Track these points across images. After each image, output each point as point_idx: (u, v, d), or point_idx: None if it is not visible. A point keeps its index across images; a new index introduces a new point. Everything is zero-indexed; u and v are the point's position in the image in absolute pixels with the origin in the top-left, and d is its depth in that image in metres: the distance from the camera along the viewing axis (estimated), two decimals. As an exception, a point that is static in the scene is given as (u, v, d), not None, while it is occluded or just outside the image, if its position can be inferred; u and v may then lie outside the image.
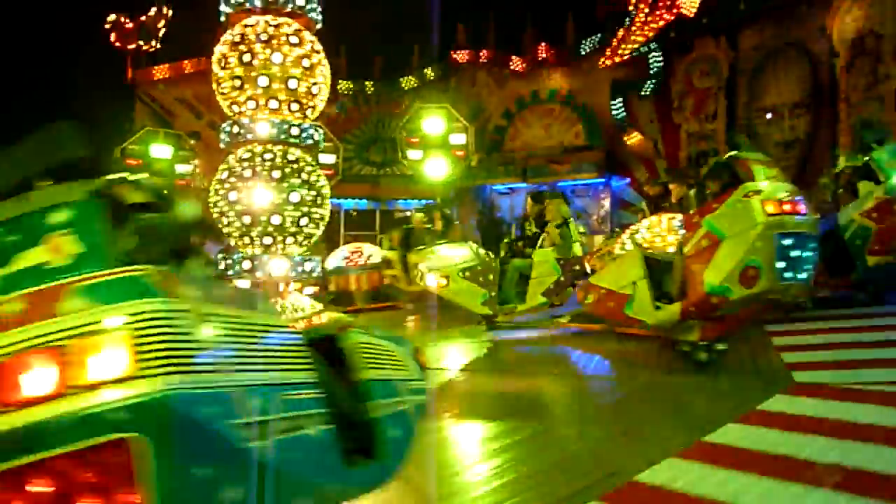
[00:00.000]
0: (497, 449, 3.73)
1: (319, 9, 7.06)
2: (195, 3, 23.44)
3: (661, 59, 19.26)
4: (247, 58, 6.38)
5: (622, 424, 4.28)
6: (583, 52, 21.52)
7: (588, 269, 7.82)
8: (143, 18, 23.57)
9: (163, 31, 23.88)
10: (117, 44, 23.47)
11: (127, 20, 23.37)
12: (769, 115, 16.39)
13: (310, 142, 6.84)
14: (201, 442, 1.64)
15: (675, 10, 18.09)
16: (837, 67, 14.90)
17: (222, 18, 7.08)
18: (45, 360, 1.54)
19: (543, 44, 22.21)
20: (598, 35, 21.20)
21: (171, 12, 23.64)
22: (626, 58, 19.70)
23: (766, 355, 5.60)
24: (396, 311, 12.71)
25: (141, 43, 23.53)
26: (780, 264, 4.61)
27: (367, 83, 24.24)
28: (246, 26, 6.50)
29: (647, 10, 18.83)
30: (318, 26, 7.23)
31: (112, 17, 23.31)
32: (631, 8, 19.44)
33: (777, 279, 4.63)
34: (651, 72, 19.54)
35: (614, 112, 19.58)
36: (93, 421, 1.50)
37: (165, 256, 2.09)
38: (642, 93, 19.52)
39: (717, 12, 17.29)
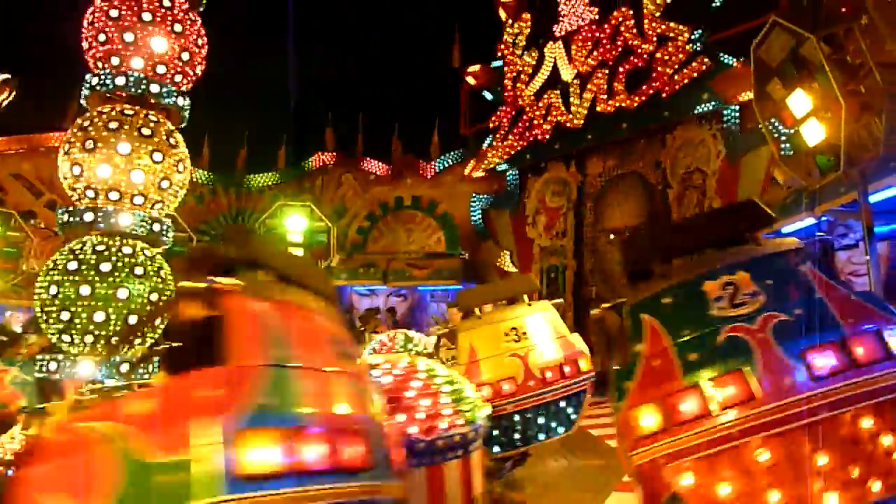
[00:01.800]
0: None
1: (187, 101, 6.78)
2: (48, 77, 22.21)
3: (517, 177, 20.52)
4: (89, 145, 5.94)
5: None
6: (446, 165, 22.54)
7: None
8: (-16, 87, 21.84)
9: (6, 101, 22.20)
10: (-52, 110, 21.46)
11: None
12: (612, 236, 17.67)
13: (155, 235, 6.35)
14: None
15: (530, 134, 19.53)
16: (670, 197, 16.53)
17: (82, 100, 6.61)
18: None
19: (409, 153, 23.08)
20: (461, 149, 22.37)
21: (16, 83, 22.13)
22: (485, 173, 20.82)
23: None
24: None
25: (-22, 112, 21.67)
26: None
27: (228, 175, 23.73)
28: (101, 113, 6.07)
29: (506, 132, 20.20)
30: (185, 116, 6.93)
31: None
32: (492, 127, 20.78)
33: None
34: (507, 188, 20.74)
35: (473, 223, 20.38)
36: None
37: None
38: (499, 207, 20.58)
39: (568, 139, 18.80)
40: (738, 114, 14.99)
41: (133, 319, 5.94)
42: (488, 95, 21.88)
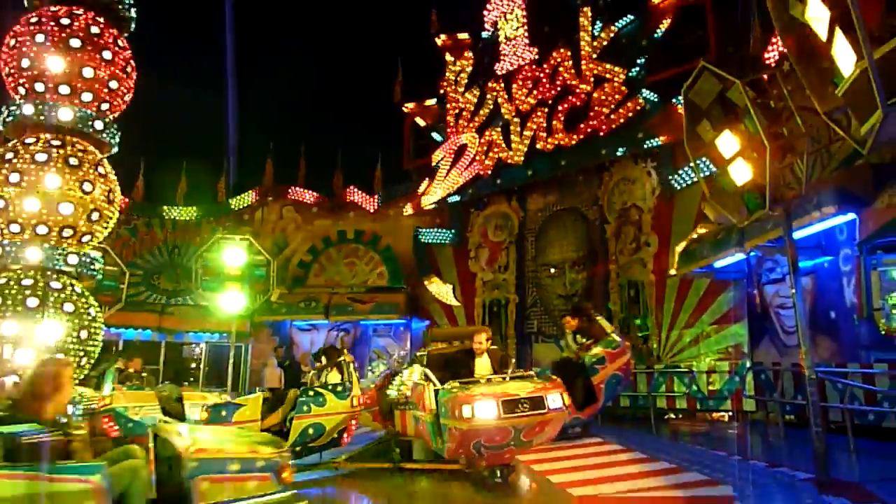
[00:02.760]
0: None
1: (115, 130, 6.52)
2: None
3: (460, 212, 20.69)
4: (15, 178, 5.62)
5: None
6: (388, 199, 22.57)
7: None
8: None
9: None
10: None
11: None
12: (553, 270, 17.96)
13: (85, 270, 6.05)
14: None
15: (473, 170, 19.78)
16: (608, 233, 16.95)
17: (0, 127, 6.29)
18: None
19: (352, 186, 23.02)
20: (404, 184, 22.46)
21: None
22: (428, 208, 20.93)
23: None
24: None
25: None
26: None
27: (164, 207, 23.10)
28: (22, 143, 5.75)
29: (448, 167, 20.40)
30: (114, 144, 6.66)
31: None
32: (434, 163, 20.96)
33: None
34: (450, 223, 20.87)
35: (416, 257, 20.38)
36: None
37: None
38: (442, 242, 20.66)
39: (509, 176, 19.12)
40: (671, 153, 15.55)
41: (61, 356, 5.64)
42: (433, 133, 22.11)
